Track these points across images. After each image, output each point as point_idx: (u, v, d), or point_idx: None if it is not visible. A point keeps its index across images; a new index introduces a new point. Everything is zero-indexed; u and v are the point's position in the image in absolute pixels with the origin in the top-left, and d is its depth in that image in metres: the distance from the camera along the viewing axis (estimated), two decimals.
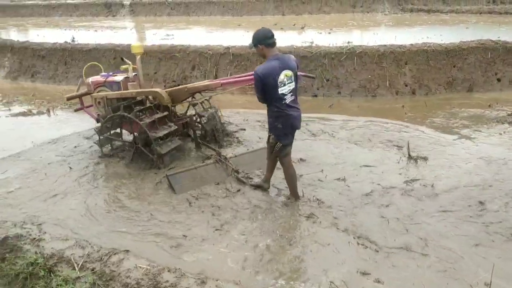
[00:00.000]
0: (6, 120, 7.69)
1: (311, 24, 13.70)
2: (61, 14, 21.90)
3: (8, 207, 4.44)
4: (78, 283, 3.08)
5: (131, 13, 20.17)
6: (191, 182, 4.74)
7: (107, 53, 10.18)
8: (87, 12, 21.34)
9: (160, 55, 9.69)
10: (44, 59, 10.81)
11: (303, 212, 4.17)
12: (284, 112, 4.04)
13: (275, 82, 3.89)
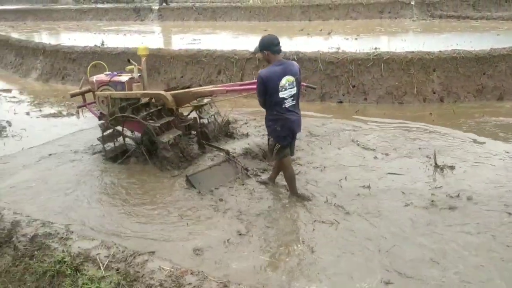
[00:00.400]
0: (37, 120, 7.91)
1: (337, 30, 13.62)
2: (91, 18, 22.37)
3: (36, 205, 4.58)
4: (103, 283, 3.13)
5: (159, 18, 20.46)
6: (209, 181, 4.93)
7: (135, 56, 10.33)
8: (116, 16, 21.75)
9: (187, 59, 9.80)
10: (74, 62, 11.09)
11: (326, 218, 4.15)
12: (283, 116, 4.24)
13: (277, 86, 4.10)
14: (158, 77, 10.02)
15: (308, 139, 6.31)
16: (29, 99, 9.43)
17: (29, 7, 27.16)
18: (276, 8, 18.03)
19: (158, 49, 10.41)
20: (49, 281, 3.39)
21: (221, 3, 21.21)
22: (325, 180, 5.01)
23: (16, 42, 13.48)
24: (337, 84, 8.43)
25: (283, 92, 4.16)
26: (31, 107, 8.78)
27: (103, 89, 5.90)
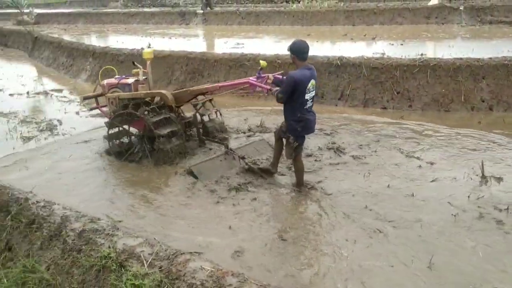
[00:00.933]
0: (86, 120, 8.23)
1: (382, 35, 13.40)
2: (138, 21, 23.02)
3: (86, 201, 4.77)
4: (146, 279, 3.21)
5: (203, 22, 20.79)
6: (210, 172, 5.30)
7: (180, 60, 10.59)
8: (162, 20, 22.28)
9: (230, 63, 9.92)
10: (122, 64, 11.44)
11: (367, 227, 4.11)
12: (305, 117, 4.56)
13: (304, 89, 4.41)
14: (202, 80, 10.18)
15: (351, 144, 6.25)
16: (78, 99, 9.80)
17: (80, 11, 28.30)
18: (319, 13, 17.95)
19: (202, 53, 10.60)
20: (95, 275, 3.52)
21: (264, 8, 21.34)
22: (367, 187, 4.96)
23: (68, 44, 14.08)
24: (381, 90, 8.30)
25: (308, 94, 4.49)
26: (80, 107, 9.13)
27: (112, 91, 6.33)
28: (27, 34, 18.11)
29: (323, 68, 8.75)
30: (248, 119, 7.71)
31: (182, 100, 5.99)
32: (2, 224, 4.33)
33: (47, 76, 13.37)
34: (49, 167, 5.87)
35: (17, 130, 7.51)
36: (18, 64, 15.62)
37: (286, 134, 4.76)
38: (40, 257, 3.94)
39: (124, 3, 31.28)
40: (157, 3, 28.81)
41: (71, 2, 38.07)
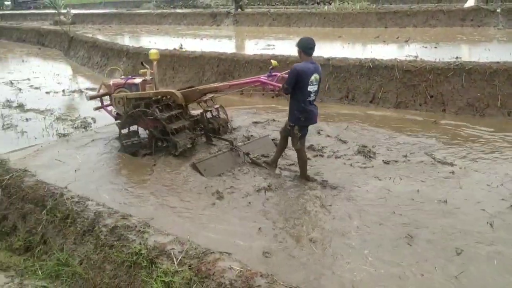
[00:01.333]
0: None
1: (415, 38, 13.18)
2: (170, 22, 23.36)
3: (116, 198, 4.87)
4: (176, 277, 3.25)
5: (234, 23, 20.93)
6: (214, 167, 5.45)
7: (211, 60, 10.68)
8: (194, 21, 22.54)
9: (261, 64, 9.93)
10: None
11: (398, 236, 4.04)
12: (308, 109, 4.83)
13: (307, 80, 4.66)
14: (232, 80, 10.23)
15: (381, 148, 6.17)
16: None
17: (114, 11, 28.93)
18: (351, 15, 17.80)
19: (233, 54, 10.66)
20: (126, 271, 3.58)
21: (295, 9, 21.31)
22: (397, 192, 4.89)
23: (103, 44, 14.41)
24: (414, 94, 8.16)
25: (311, 87, 4.73)
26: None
27: (119, 91, 6.39)
28: (63, 34, 18.64)
29: (354, 70, 8.68)
30: (254, 116, 7.87)
31: (191, 99, 6.09)
32: (38, 218, 4.46)
33: (82, 75, 13.71)
34: (82, 162, 6.02)
35: (53, 127, 7.73)
36: (55, 63, 16.08)
37: (290, 125, 4.99)
38: (73, 251, 4.04)
39: (156, 4, 31.82)
40: (189, 4, 29.18)
41: (105, 3, 39.00)
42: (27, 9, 38.59)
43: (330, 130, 6.97)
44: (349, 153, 6.05)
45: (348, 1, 20.12)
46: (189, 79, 10.89)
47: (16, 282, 3.89)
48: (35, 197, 4.64)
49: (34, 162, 5.81)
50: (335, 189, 4.96)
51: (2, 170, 5.21)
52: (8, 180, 4.95)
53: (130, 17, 25.70)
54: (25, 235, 4.47)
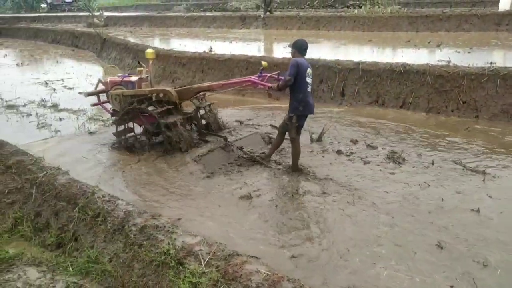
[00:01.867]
0: None
1: (448, 42, 12.91)
2: (200, 25, 23.57)
3: (145, 197, 4.94)
4: (203, 278, 3.27)
5: (263, 26, 20.95)
6: (212, 162, 5.79)
7: (240, 63, 10.73)
8: (223, 24, 22.68)
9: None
10: (184, 66, 11.79)
11: (428, 240, 3.97)
12: (306, 99, 5.25)
13: (305, 72, 5.18)
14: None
15: (410, 154, 6.07)
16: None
17: (145, 14, 29.41)
18: (382, 18, 17.57)
19: (262, 57, 10.66)
20: (154, 270, 3.63)
21: (324, 13, 21.18)
22: (426, 199, 4.80)
23: (134, 46, 14.67)
24: (445, 99, 7.99)
25: (308, 79, 5.22)
26: None
27: (116, 88, 6.73)
28: (96, 36, 19.08)
29: (385, 74, 8.58)
30: (245, 114, 8.23)
31: (185, 97, 6.42)
32: (70, 215, 4.57)
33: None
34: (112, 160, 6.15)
35: (85, 127, 7.92)
36: (88, 64, 16.45)
37: (290, 115, 5.34)
38: (103, 249, 4.12)
39: (187, 7, 32.19)
40: (218, 8, 29.40)
41: (137, 6, 39.67)
42: (62, 12, 39.67)
43: (358, 135, 6.90)
44: (378, 159, 5.97)
45: (378, 5, 19.87)
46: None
47: (48, 278, 3.97)
48: (68, 195, 4.75)
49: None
50: (362, 195, 4.90)
51: (36, 168, 5.36)
52: (42, 178, 5.09)
53: (160, 20, 26.05)
54: (57, 232, 4.58)
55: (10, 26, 31.35)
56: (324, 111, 8.59)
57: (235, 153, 6.11)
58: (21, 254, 4.28)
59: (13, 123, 8.49)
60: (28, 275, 3.96)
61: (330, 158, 6.10)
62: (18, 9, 42.92)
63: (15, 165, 5.54)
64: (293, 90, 5.27)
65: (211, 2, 34.60)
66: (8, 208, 5.08)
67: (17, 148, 6.07)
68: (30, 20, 33.57)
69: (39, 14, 37.18)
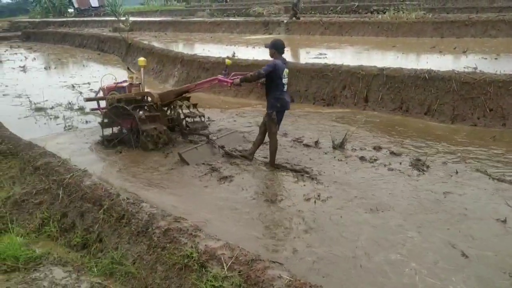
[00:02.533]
0: None
1: (474, 48, 12.69)
2: (223, 30, 23.75)
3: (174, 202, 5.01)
4: (226, 282, 3.29)
5: (286, 32, 20.98)
6: (197, 157, 6.33)
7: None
8: (246, 29, 22.79)
9: (312, 73, 9.92)
10: (208, 71, 11.88)
11: (451, 249, 3.90)
12: (282, 97, 5.80)
13: (281, 73, 5.67)
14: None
15: (434, 162, 5.98)
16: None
17: (170, 19, 29.77)
18: (406, 24, 17.40)
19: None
20: (177, 273, 3.66)
21: (348, 18, 21.08)
22: (450, 207, 4.72)
23: (159, 51, 14.88)
24: (471, 107, 7.85)
25: (284, 79, 5.73)
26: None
27: (111, 93, 7.48)
28: (122, 41, 19.41)
29: (409, 81, 8.48)
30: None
31: (167, 99, 7.07)
32: (95, 217, 4.66)
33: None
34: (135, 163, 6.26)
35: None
36: (113, 68, 16.75)
37: (269, 112, 5.85)
38: (127, 250, 4.18)
39: (210, 13, 32.46)
40: (241, 13, 29.57)
41: (162, 11, 40.22)
42: (88, 16, 40.49)
43: (381, 142, 6.85)
44: (402, 166, 5.91)
45: (403, 10, 19.69)
46: (242, 88, 11.01)
47: (73, 277, 4.05)
48: (93, 197, 4.84)
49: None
50: (384, 201, 4.86)
51: (64, 169, 5.48)
52: (68, 179, 5.21)
53: (184, 25, 26.34)
54: (82, 233, 4.67)
55: (39, 30, 32.17)
56: (347, 117, 8.55)
57: (217, 150, 6.62)
58: (48, 253, 4.39)
59: (41, 125, 8.72)
60: (54, 274, 4.05)
61: (353, 164, 6.07)
62: (47, 14, 43.95)
63: (43, 166, 5.68)
64: (270, 90, 5.83)
65: (234, 7, 34.86)
66: (36, 209, 5.21)
67: (45, 149, 6.22)
68: (58, 24, 34.41)
69: (66, 19, 38.06)
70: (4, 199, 5.36)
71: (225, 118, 8.84)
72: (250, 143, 6.78)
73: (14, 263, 4.18)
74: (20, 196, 5.40)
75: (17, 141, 6.81)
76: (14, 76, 14.90)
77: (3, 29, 36.14)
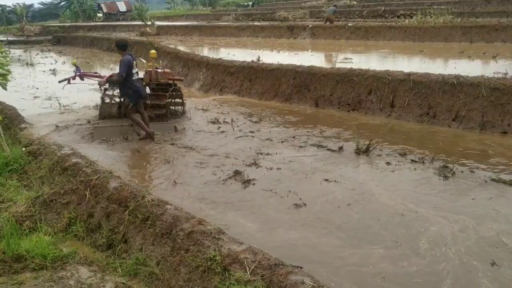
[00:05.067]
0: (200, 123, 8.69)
1: (504, 54, 12.40)
2: (248, 35, 23.87)
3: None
4: (248, 286, 3.29)
5: (311, 36, 20.95)
6: (105, 134, 7.62)
7: (288, 73, 10.75)
8: (271, 34, 22.86)
9: (338, 78, 9.85)
10: (232, 75, 11.95)
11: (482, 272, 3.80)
12: (133, 84, 7.20)
13: (132, 67, 7.07)
14: (308, 93, 10.24)
15: (460, 171, 5.87)
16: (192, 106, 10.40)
17: (195, 24, 30.14)
18: (433, 28, 17.15)
19: (310, 67, 10.63)
20: (200, 275, 3.68)
21: (374, 23, 20.91)
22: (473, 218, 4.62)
23: (185, 55, 15.05)
24: (502, 113, 7.64)
25: (134, 70, 7.11)
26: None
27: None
28: (148, 44, 19.69)
29: (436, 86, 8.33)
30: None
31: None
32: (121, 218, 4.73)
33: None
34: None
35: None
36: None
37: (126, 101, 7.35)
38: (151, 252, 4.22)
39: (235, 17, 32.69)
40: (266, 17, 29.66)
41: (187, 16, 40.72)
42: (116, 21, 41.31)
43: (406, 148, 6.75)
44: (427, 173, 5.81)
45: (431, 15, 19.41)
46: (265, 91, 11.04)
47: (98, 277, 4.12)
48: (119, 198, 4.92)
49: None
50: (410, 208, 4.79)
51: (91, 170, 5.59)
52: (95, 181, 5.30)
53: (210, 29, 26.59)
54: (108, 233, 4.75)
55: (69, 35, 33.03)
56: (372, 122, 8.47)
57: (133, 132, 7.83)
58: (74, 253, 4.48)
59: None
60: (80, 273, 4.13)
61: (377, 171, 5.99)
62: (76, 18, 45.05)
63: (71, 167, 5.80)
64: (126, 83, 7.07)
65: (259, 12, 34.99)
66: (63, 208, 5.32)
67: (74, 150, 6.36)
68: (87, 29, 35.23)
69: (95, 23, 38.94)
70: (33, 198, 5.49)
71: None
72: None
73: (42, 261, 4.28)
74: (49, 196, 5.52)
75: (46, 142, 6.98)
76: (44, 79, 15.28)
77: (34, 34, 37.24)
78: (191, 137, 7.81)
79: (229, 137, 7.68)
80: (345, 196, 5.21)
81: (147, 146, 7.31)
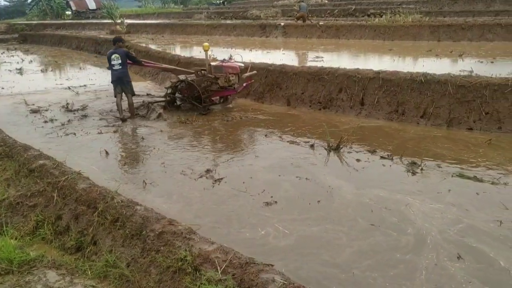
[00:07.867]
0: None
1: (470, 52, 12.75)
2: (220, 33, 23.79)
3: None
4: (220, 285, 3.27)
5: (283, 35, 21.03)
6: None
7: (259, 71, 10.72)
8: (243, 32, 22.83)
9: (309, 76, 9.91)
10: None
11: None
12: (114, 73, 9.05)
13: (110, 58, 9.02)
14: (280, 92, 10.28)
15: (427, 166, 6.00)
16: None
17: (167, 22, 29.86)
18: (403, 27, 17.48)
19: (282, 65, 10.67)
20: (171, 276, 3.64)
21: (345, 21, 21.16)
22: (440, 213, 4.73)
23: (155, 53, 14.88)
24: (467, 110, 7.85)
25: (113, 61, 9.00)
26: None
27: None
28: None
29: (405, 84, 8.48)
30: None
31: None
32: (90, 220, 4.64)
33: (134, 82, 14.18)
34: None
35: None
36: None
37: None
38: (121, 253, 4.15)
39: (207, 15, 32.53)
40: (238, 16, 29.64)
41: (159, 14, 40.27)
42: (86, 19, 40.49)
43: (376, 145, 6.85)
44: (396, 168, 5.91)
45: (400, 14, 19.78)
46: None
47: (67, 280, 4.03)
48: (88, 199, 4.82)
49: None
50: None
51: (58, 172, 5.46)
52: (63, 182, 5.19)
53: (182, 27, 26.36)
54: (77, 236, 4.64)
55: (36, 33, 32.18)
56: (343, 120, 8.56)
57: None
58: (42, 256, 4.35)
59: (37, 128, 8.68)
60: (48, 277, 4.02)
61: (347, 167, 6.08)
62: (44, 16, 43.96)
63: (38, 168, 5.66)
64: (110, 68, 9.04)
65: (232, 10, 34.92)
66: (30, 211, 5.19)
67: (41, 152, 6.20)
68: (55, 27, 34.41)
69: (64, 21, 38.04)
70: None
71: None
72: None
73: (8, 266, 4.15)
74: (15, 199, 5.38)
75: (12, 143, 6.78)
76: (10, 78, 14.85)
77: (0, 32, 36.12)
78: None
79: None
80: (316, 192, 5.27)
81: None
